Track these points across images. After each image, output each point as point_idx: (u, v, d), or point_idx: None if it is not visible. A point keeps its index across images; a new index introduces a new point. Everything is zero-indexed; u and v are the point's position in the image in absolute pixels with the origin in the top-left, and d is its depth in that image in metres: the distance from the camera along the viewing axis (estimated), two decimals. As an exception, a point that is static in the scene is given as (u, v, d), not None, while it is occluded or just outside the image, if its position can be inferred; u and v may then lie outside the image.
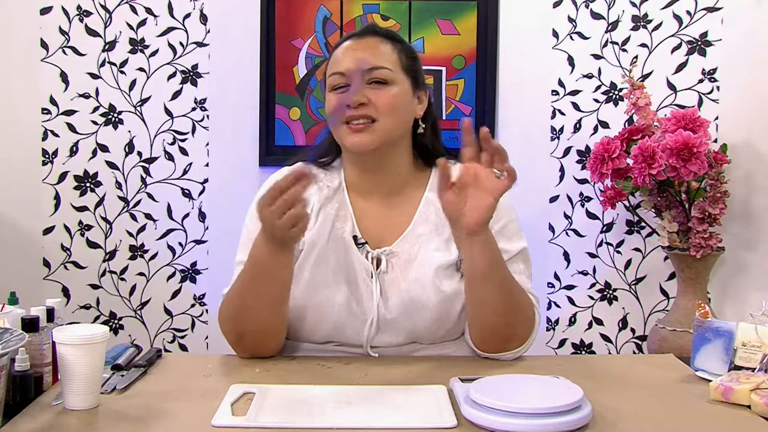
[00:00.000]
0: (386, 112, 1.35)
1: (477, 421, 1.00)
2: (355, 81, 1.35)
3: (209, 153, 2.35)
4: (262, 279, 1.27)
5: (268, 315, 1.30)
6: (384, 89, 1.36)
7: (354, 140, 1.35)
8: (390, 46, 1.40)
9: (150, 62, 2.33)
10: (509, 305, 1.30)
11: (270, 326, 1.32)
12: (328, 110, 1.41)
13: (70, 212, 2.35)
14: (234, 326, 1.32)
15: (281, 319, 1.33)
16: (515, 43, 2.31)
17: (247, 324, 1.31)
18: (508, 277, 1.30)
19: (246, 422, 1.01)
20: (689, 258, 2.06)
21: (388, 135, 1.37)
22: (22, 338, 1.04)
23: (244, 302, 1.30)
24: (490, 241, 1.27)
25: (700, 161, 1.95)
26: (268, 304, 1.30)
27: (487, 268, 1.26)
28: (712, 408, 1.11)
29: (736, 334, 1.23)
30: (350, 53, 1.38)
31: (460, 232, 1.25)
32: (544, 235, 2.35)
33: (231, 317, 1.32)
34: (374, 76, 1.36)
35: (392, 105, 1.36)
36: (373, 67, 1.36)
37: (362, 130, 1.34)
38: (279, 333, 1.34)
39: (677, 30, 2.28)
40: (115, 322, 2.37)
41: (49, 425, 1.02)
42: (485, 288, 1.28)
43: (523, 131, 2.33)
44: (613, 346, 2.36)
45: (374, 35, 1.41)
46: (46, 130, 2.33)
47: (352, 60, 1.37)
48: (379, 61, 1.37)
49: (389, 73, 1.37)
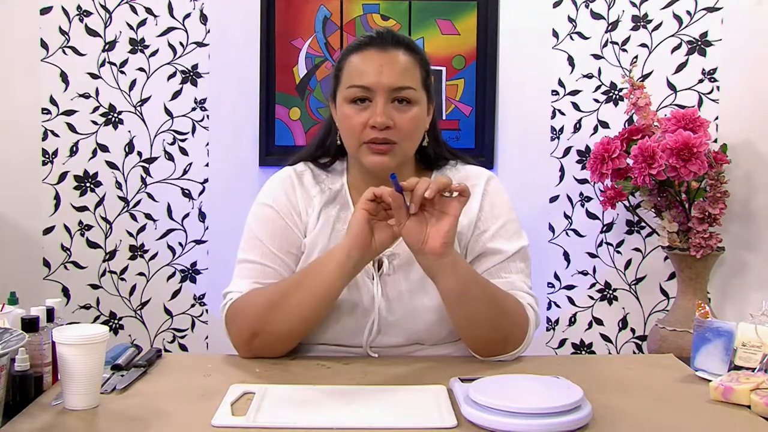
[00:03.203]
0: (407, 136, 1.34)
1: (477, 421, 1.00)
2: (381, 100, 1.32)
3: (209, 153, 2.35)
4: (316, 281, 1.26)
5: (299, 321, 1.29)
6: (407, 111, 1.34)
7: (374, 160, 1.33)
8: (412, 61, 1.36)
9: (150, 62, 2.33)
10: (494, 316, 1.29)
11: (294, 333, 1.31)
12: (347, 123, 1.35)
13: (70, 212, 2.35)
14: (255, 325, 1.29)
15: (308, 328, 1.32)
16: (515, 43, 2.31)
17: (272, 326, 1.29)
18: (487, 290, 1.29)
19: (246, 422, 1.01)
20: (689, 258, 2.06)
21: (405, 156, 1.37)
22: (22, 338, 1.04)
23: (284, 303, 1.28)
24: (458, 262, 1.26)
25: (700, 161, 1.95)
26: (307, 310, 1.28)
27: (461, 289, 1.25)
28: (712, 408, 1.11)
29: (736, 334, 1.23)
30: (375, 66, 1.33)
31: (426, 259, 1.23)
32: (544, 235, 2.35)
33: (255, 316, 1.30)
34: (400, 96, 1.33)
35: (413, 129, 1.35)
36: (400, 87, 1.33)
37: (384, 152, 1.33)
38: (296, 340, 1.34)
39: (677, 30, 2.28)
40: (115, 322, 2.37)
41: (49, 425, 1.02)
42: (465, 306, 1.27)
43: (523, 131, 2.33)
44: (613, 346, 2.36)
45: (396, 46, 1.35)
46: (46, 130, 2.33)
47: (377, 74, 1.32)
48: (405, 80, 1.33)
49: (414, 93, 1.34)
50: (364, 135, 1.33)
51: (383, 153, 1.33)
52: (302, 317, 1.29)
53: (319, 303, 1.28)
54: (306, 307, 1.28)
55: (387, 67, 1.32)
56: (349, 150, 1.39)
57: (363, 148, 1.34)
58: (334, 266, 1.25)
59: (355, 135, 1.34)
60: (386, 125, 1.31)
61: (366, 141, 1.33)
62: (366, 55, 1.35)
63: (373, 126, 1.31)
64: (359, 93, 1.33)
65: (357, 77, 1.34)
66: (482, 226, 1.39)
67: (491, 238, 1.38)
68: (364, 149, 1.34)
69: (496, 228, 1.39)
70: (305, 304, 1.27)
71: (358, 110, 1.33)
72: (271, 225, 1.39)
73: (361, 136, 1.33)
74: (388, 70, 1.32)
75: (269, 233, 1.38)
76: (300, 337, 1.33)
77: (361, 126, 1.33)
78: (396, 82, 1.32)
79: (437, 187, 1.18)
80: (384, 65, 1.33)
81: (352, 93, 1.34)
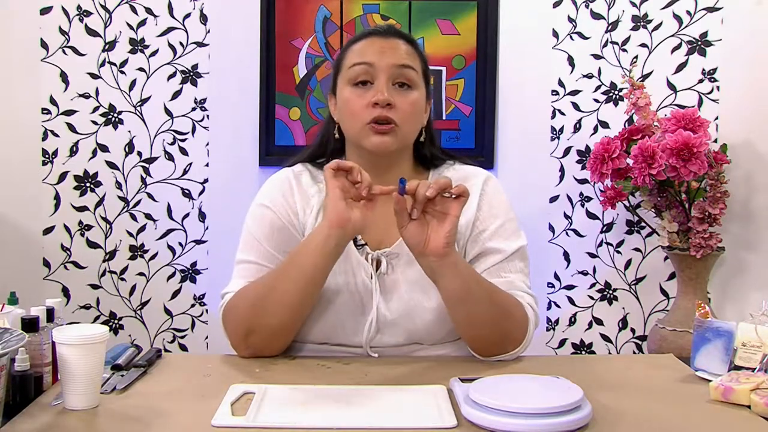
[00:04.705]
0: (407, 119, 1.35)
1: (477, 421, 1.00)
2: (383, 77, 1.34)
3: (209, 153, 2.35)
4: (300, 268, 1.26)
5: (290, 311, 1.29)
6: (408, 94, 1.36)
7: (376, 141, 1.34)
8: (412, 50, 1.39)
9: (150, 62, 2.33)
10: (496, 316, 1.29)
11: (287, 324, 1.31)
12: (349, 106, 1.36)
13: (70, 212, 2.35)
14: (247, 321, 1.30)
15: (300, 318, 1.32)
16: (515, 43, 2.31)
17: (264, 318, 1.29)
18: (488, 291, 1.29)
19: (246, 422, 1.01)
20: (689, 258, 2.06)
21: (405, 140, 1.38)
22: (22, 338, 1.04)
23: (272, 295, 1.28)
24: (459, 262, 1.27)
25: (700, 161, 1.95)
26: (296, 299, 1.28)
27: (462, 290, 1.26)
28: (712, 408, 1.11)
29: (736, 334, 1.23)
30: (376, 48, 1.36)
31: (428, 260, 1.24)
32: (544, 235, 2.35)
33: (246, 311, 1.30)
34: (403, 75, 1.35)
35: (414, 112, 1.36)
36: (403, 65, 1.35)
37: (386, 132, 1.34)
38: (291, 333, 1.34)
39: (677, 30, 2.28)
40: (115, 322, 2.37)
41: (48, 425, 1.02)
42: (466, 307, 1.28)
43: (523, 131, 2.33)
44: (613, 346, 2.36)
45: (397, 36, 1.39)
46: (46, 130, 2.33)
47: (380, 54, 1.35)
48: (407, 60, 1.36)
49: (414, 75, 1.36)
50: (366, 115, 1.34)
51: (385, 133, 1.34)
52: (292, 306, 1.29)
53: (306, 288, 1.27)
54: (294, 295, 1.28)
55: (389, 50, 1.36)
56: (350, 134, 1.39)
57: (365, 129, 1.35)
58: (314, 248, 1.25)
59: (356, 116, 1.35)
60: (388, 102, 1.32)
61: (368, 122, 1.34)
62: (367, 41, 1.38)
63: (375, 104, 1.32)
64: (361, 71, 1.35)
65: (359, 56, 1.36)
66: (480, 225, 1.40)
67: (490, 238, 1.39)
68: (366, 130, 1.35)
69: (494, 227, 1.39)
70: (293, 291, 1.27)
71: (360, 93, 1.35)
72: (268, 225, 1.39)
73: (363, 117, 1.34)
74: (390, 51, 1.35)
75: (266, 233, 1.38)
76: (294, 329, 1.33)
77: (363, 107, 1.34)
78: (398, 60, 1.35)
79: (438, 187, 1.19)
80: (385, 47, 1.36)
81: (355, 72, 1.36)
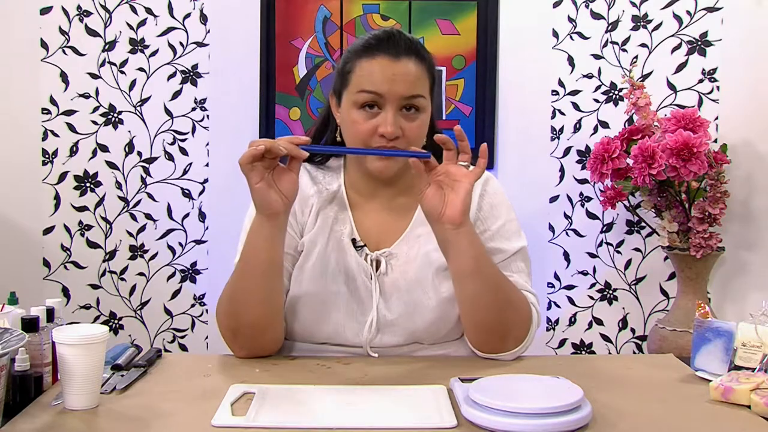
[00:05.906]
0: (412, 142, 1.34)
1: (477, 421, 1.00)
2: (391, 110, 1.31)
3: (209, 153, 2.35)
4: (252, 263, 1.27)
5: (260, 305, 1.29)
6: (416, 119, 1.34)
7: (380, 166, 1.34)
8: (422, 69, 1.35)
9: (150, 62, 2.33)
10: (501, 302, 1.30)
11: (263, 319, 1.31)
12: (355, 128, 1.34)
13: (70, 212, 2.35)
14: (229, 321, 1.31)
15: (274, 310, 1.31)
16: (515, 43, 2.31)
17: (240, 317, 1.30)
18: (497, 274, 1.31)
19: (246, 422, 1.01)
20: (689, 258, 2.06)
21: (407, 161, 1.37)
22: (22, 338, 1.04)
23: (237, 294, 1.30)
24: (474, 236, 1.28)
25: (700, 161, 1.95)
26: (260, 292, 1.28)
27: (474, 263, 1.27)
28: (712, 408, 1.11)
29: (736, 334, 1.23)
30: (387, 75, 1.32)
31: (444, 228, 1.25)
32: (544, 235, 2.35)
33: (226, 312, 1.32)
34: (410, 104, 1.33)
35: (420, 135, 1.36)
36: (412, 95, 1.32)
37: (389, 158, 1.33)
38: (273, 327, 1.33)
39: (677, 30, 2.28)
40: (115, 322, 2.37)
41: (48, 425, 1.02)
42: (475, 284, 1.28)
43: (523, 131, 2.33)
44: (613, 346, 2.36)
45: (408, 54, 1.34)
46: (46, 130, 2.33)
47: (390, 82, 1.31)
48: (416, 89, 1.33)
49: (423, 101, 1.35)
50: (371, 142, 1.33)
51: (388, 158, 1.33)
52: (260, 301, 1.29)
53: (265, 280, 1.28)
54: (257, 290, 1.28)
55: (400, 77, 1.32)
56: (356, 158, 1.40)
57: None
58: (254, 239, 1.27)
59: (361, 140, 1.34)
60: (396, 135, 1.31)
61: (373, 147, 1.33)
62: (378, 62, 1.33)
63: (382, 135, 1.31)
64: (369, 99, 1.33)
65: (368, 83, 1.33)
66: (482, 226, 1.40)
67: (491, 238, 1.39)
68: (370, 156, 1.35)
69: (496, 228, 1.40)
70: (254, 287, 1.28)
71: (367, 116, 1.33)
72: None
73: (368, 142, 1.33)
74: (400, 80, 1.32)
75: None
76: (274, 322, 1.32)
77: (369, 133, 1.32)
78: (408, 91, 1.32)
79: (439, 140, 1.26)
80: (396, 75, 1.32)
81: (362, 98, 1.33)
